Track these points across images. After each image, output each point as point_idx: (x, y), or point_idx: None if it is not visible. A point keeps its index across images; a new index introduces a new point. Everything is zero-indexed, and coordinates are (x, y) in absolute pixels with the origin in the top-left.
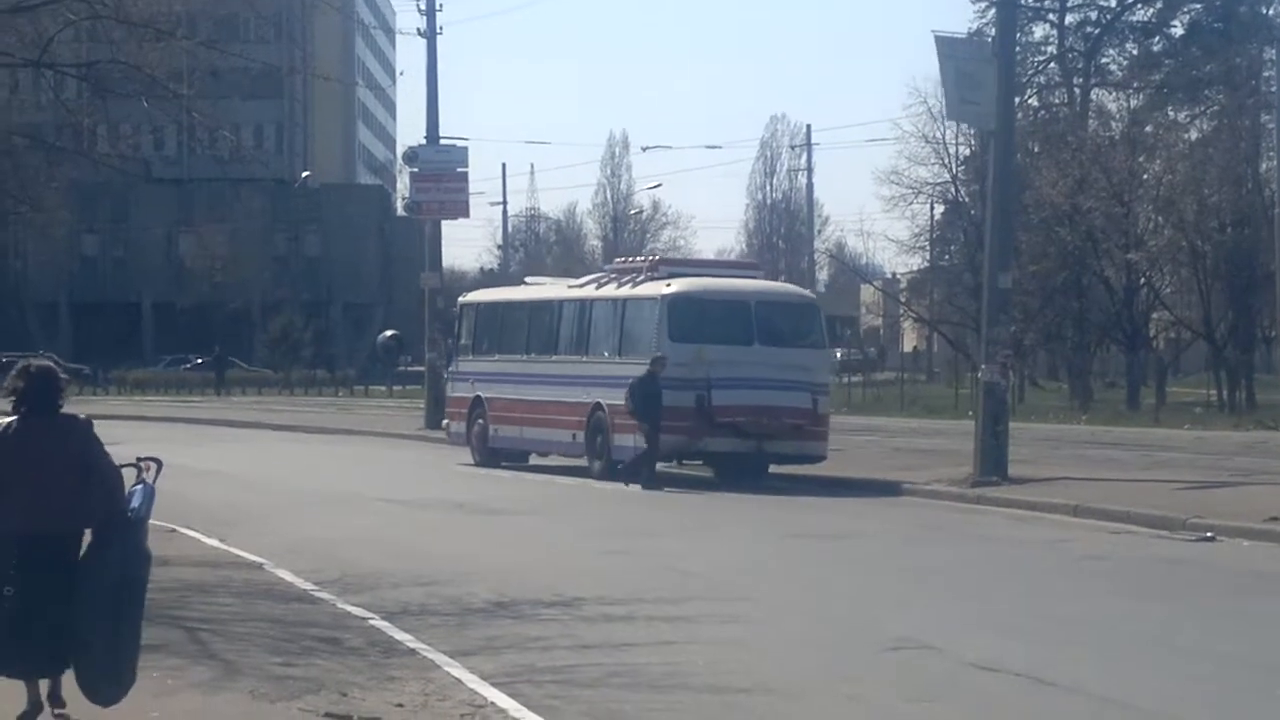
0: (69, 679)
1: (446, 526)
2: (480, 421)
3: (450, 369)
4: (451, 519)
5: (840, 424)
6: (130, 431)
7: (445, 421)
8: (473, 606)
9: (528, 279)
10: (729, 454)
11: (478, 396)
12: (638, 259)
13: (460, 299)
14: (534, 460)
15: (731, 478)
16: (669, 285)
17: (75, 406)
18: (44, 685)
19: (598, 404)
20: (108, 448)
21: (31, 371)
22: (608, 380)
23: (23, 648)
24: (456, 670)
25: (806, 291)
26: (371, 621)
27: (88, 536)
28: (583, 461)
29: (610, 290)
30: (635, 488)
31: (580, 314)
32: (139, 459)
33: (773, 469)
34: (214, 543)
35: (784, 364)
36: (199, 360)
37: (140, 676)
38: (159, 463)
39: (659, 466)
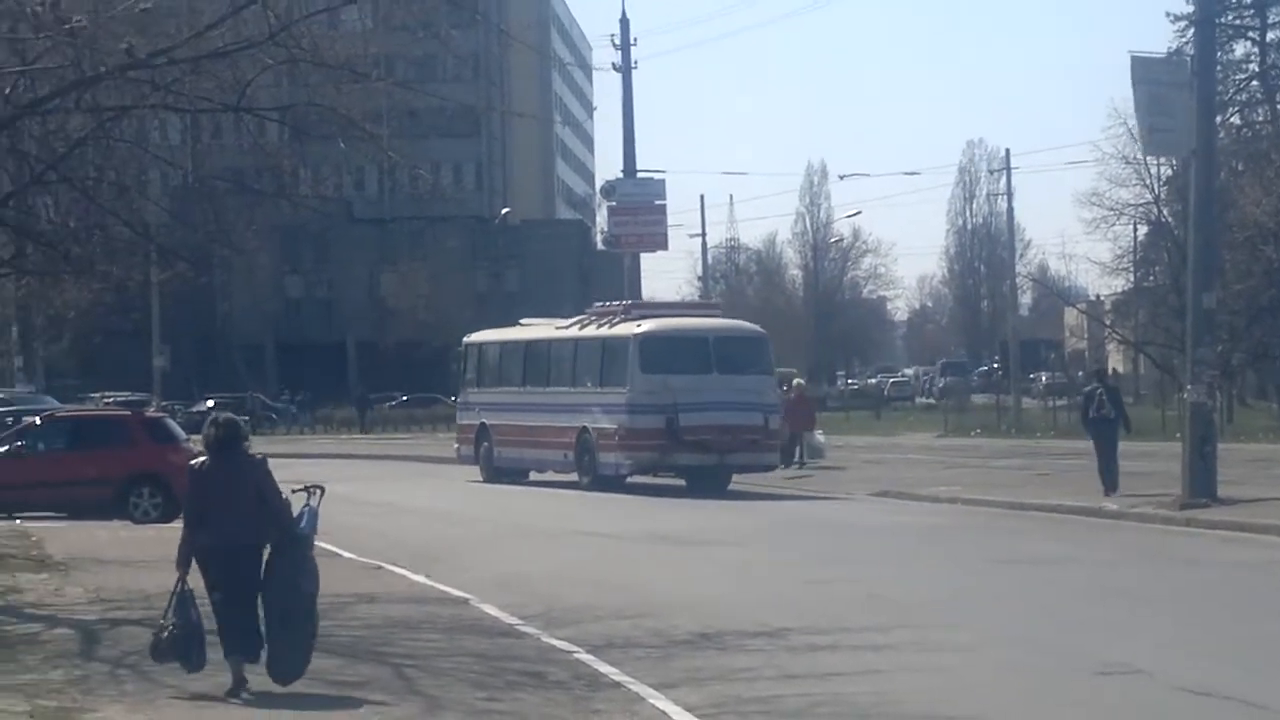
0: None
1: (646, 558)
2: (485, 444)
3: (459, 400)
4: (651, 550)
5: (1047, 448)
6: (333, 470)
7: (455, 445)
8: (676, 638)
9: (522, 321)
10: (696, 466)
11: (483, 423)
12: (614, 304)
13: (464, 339)
14: (533, 476)
15: (699, 487)
16: (640, 326)
17: (281, 445)
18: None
19: (584, 427)
20: (308, 486)
21: (220, 422)
22: (592, 407)
23: (228, 638)
24: (661, 702)
25: (756, 327)
26: (576, 655)
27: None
28: (573, 476)
29: (592, 330)
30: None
31: (567, 351)
32: (306, 486)
33: (975, 496)
34: (420, 579)
35: (739, 389)
36: (404, 398)
37: (346, 712)
38: (322, 489)
39: (637, 479)
